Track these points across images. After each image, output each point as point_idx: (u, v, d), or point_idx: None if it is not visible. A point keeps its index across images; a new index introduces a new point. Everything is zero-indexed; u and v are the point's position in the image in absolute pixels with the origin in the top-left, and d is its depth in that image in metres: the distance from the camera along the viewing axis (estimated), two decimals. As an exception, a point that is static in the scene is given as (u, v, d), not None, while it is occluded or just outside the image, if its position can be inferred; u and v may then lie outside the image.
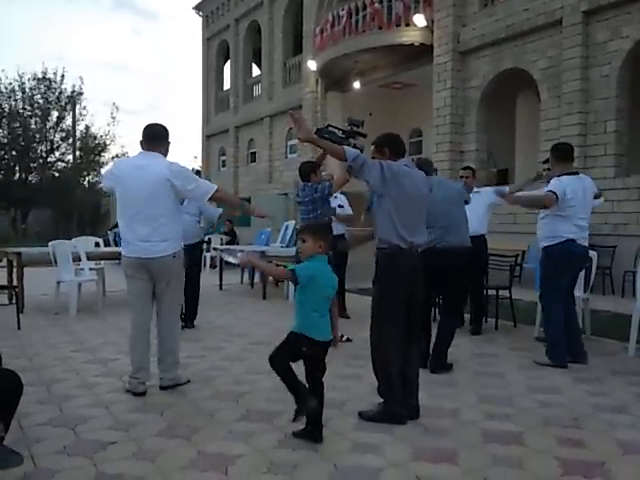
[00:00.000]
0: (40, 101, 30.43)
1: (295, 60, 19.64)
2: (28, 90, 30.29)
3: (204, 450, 2.97)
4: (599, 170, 9.90)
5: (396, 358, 3.45)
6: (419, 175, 3.67)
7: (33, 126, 30.58)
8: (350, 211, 7.21)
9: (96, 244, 9.52)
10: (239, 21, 23.15)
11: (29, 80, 30.27)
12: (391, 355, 3.45)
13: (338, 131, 3.77)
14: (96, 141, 32.43)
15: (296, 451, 2.95)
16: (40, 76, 30.32)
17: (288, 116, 3.73)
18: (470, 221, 6.28)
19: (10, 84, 30.04)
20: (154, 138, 4.03)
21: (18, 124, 30.08)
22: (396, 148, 3.64)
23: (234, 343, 5.64)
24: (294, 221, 13.39)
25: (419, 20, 13.25)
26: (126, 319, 6.78)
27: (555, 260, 4.88)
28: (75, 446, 3.02)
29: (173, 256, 4.00)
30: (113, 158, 33.14)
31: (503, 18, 11.77)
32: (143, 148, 4.03)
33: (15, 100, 30.17)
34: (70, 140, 29.48)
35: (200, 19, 26.42)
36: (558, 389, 4.14)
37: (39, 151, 31.09)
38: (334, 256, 5.80)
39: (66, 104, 30.55)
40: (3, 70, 38.28)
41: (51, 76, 30.51)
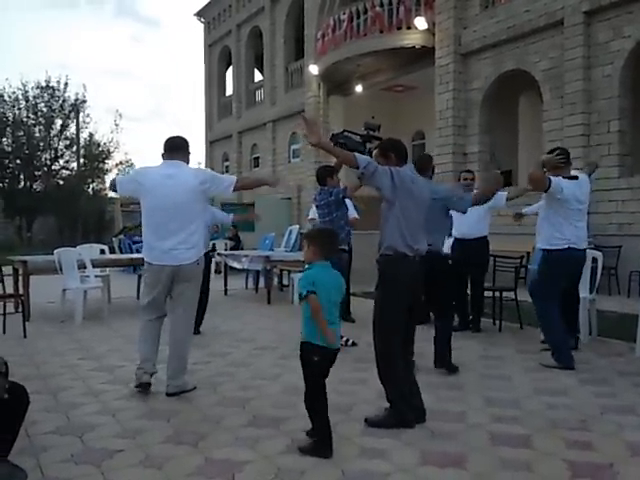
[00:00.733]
0: (44, 109, 30.57)
1: (297, 65, 19.68)
2: (32, 99, 30.43)
3: (211, 457, 2.96)
4: (603, 170, 9.86)
5: (400, 362, 3.46)
6: (423, 181, 3.70)
7: (37, 134, 30.71)
8: (356, 214, 7.22)
9: (101, 251, 9.54)
10: (241, 27, 23.23)
11: (32, 89, 30.42)
12: (396, 359, 3.45)
13: (354, 136, 3.76)
14: (100, 148, 32.52)
15: (303, 457, 2.94)
16: (43, 84, 30.48)
17: (299, 119, 3.75)
18: (471, 223, 6.29)
19: (14, 93, 30.20)
20: (176, 148, 4.15)
21: (22, 133, 30.21)
22: (401, 153, 3.65)
23: (240, 349, 5.64)
24: (298, 225, 13.42)
25: (420, 23, 13.26)
26: (131, 326, 6.83)
27: (554, 266, 4.86)
28: (82, 454, 3.02)
29: (197, 263, 4.12)
30: (117, 165, 33.26)
31: (504, 20, 11.77)
32: (165, 158, 4.14)
33: (19, 109, 30.32)
34: (74, 148, 29.57)
35: (202, 25, 26.53)
36: (565, 391, 4.12)
37: (43, 159, 31.21)
38: (340, 262, 5.88)
39: (70, 112, 30.67)
40: (7, 79, 38.49)
41: (54, 84, 30.66)
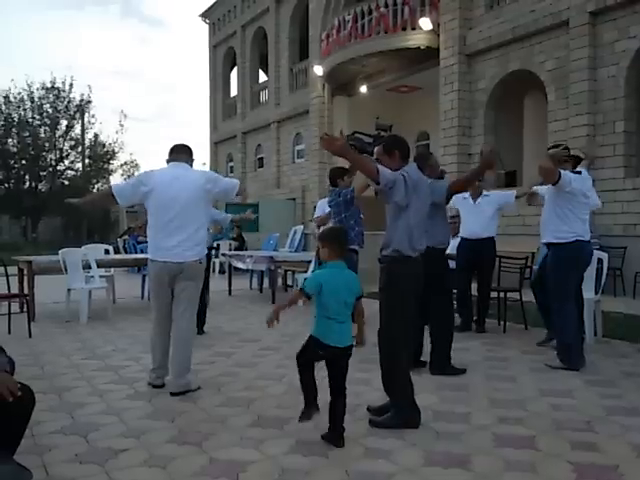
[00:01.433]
0: (49, 110, 30.70)
1: (301, 65, 19.68)
2: (37, 99, 30.57)
3: (215, 457, 2.97)
4: (608, 171, 9.84)
5: (405, 363, 3.47)
6: (425, 181, 3.70)
7: (42, 135, 30.84)
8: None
9: (106, 251, 9.57)
10: (245, 28, 23.24)
11: (38, 89, 30.58)
12: (402, 360, 3.45)
13: (365, 137, 3.75)
14: (105, 149, 32.67)
15: (308, 457, 2.94)
16: (49, 85, 30.64)
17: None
18: (479, 223, 6.29)
19: (19, 94, 30.37)
20: (180, 152, 4.35)
21: (28, 133, 30.35)
22: (405, 151, 3.61)
23: (244, 349, 5.64)
24: (302, 226, 13.42)
25: (425, 23, 13.24)
26: (136, 326, 6.86)
27: (566, 261, 4.84)
28: (87, 454, 3.02)
29: (200, 262, 4.24)
30: (122, 165, 33.44)
31: (509, 20, 11.74)
32: (170, 161, 4.32)
33: (24, 109, 30.46)
34: (79, 148, 29.72)
35: (207, 26, 26.56)
36: (570, 392, 4.11)
37: (49, 160, 31.34)
38: (346, 261, 5.89)
39: (75, 113, 30.80)
40: (12, 80, 38.54)
41: (60, 85, 30.81)
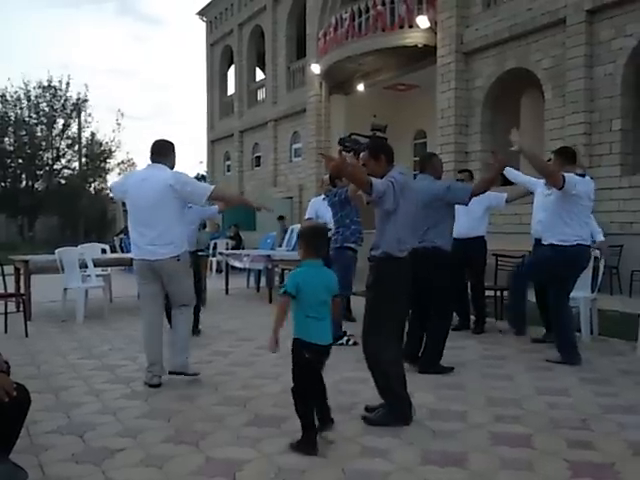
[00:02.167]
0: (46, 109, 30.67)
1: (299, 64, 19.67)
2: (34, 98, 30.54)
3: (212, 456, 2.96)
4: (605, 169, 9.86)
5: (394, 360, 3.52)
6: (413, 183, 3.77)
7: (39, 134, 30.80)
8: None
9: (102, 251, 9.54)
10: (242, 26, 23.22)
11: (34, 88, 30.54)
12: (393, 357, 3.49)
13: (361, 138, 3.81)
14: (102, 148, 32.64)
15: (304, 456, 2.94)
16: (45, 84, 30.62)
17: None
18: (468, 223, 6.31)
19: (16, 92, 30.34)
20: (157, 153, 4.41)
21: (24, 132, 30.30)
22: (390, 155, 3.69)
23: (241, 348, 5.64)
24: (299, 225, 13.42)
25: (422, 22, 13.24)
26: (132, 325, 6.84)
27: (567, 262, 4.88)
28: (83, 453, 3.02)
29: (177, 259, 4.32)
30: (119, 164, 33.40)
31: (506, 18, 11.75)
32: (152, 161, 4.41)
33: (21, 108, 30.43)
34: (76, 147, 29.66)
35: (204, 24, 26.52)
36: (566, 390, 4.11)
37: (45, 159, 31.30)
38: (341, 259, 5.93)
39: (71, 111, 30.77)
40: (9, 79, 38.66)
41: (56, 84, 30.79)
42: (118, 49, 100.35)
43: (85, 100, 31.06)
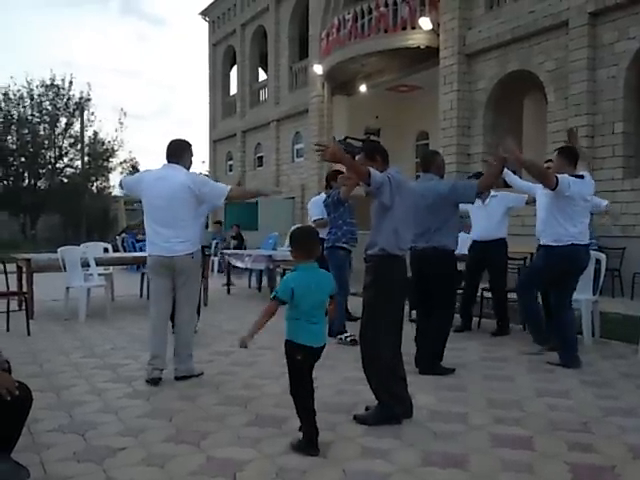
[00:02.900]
0: (48, 108, 30.68)
1: (301, 64, 19.68)
2: (37, 97, 30.55)
3: (213, 456, 2.97)
4: (607, 172, 9.85)
5: (390, 358, 3.53)
6: (409, 182, 3.81)
7: (42, 132, 30.82)
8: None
9: (105, 249, 9.56)
10: (245, 26, 23.23)
11: (37, 87, 30.55)
12: (384, 357, 3.50)
13: (355, 142, 3.87)
14: (104, 147, 32.63)
15: (305, 457, 2.94)
16: (48, 83, 30.61)
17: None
18: (489, 225, 6.29)
19: (19, 91, 30.35)
20: (174, 153, 4.49)
21: (27, 131, 30.33)
22: (386, 156, 3.74)
23: (242, 348, 5.63)
24: (301, 225, 13.43)
25: (425, 23, 13.24)
26: (134, 324, 6.86)
27: (560, 264, 4.87)
28: (85, 452, 3.03)
29: (192, 256, 4.46)
30: (121, 163, 33.41)
31: (509, 20, 11.74)
32: (168, 161, 4.49)
33: (24, 107, 30.44)
34: (78, 146, 29.67)
35: (206, 24, 26.54)
36: (567, 392, 4.11)
37: (48, 157, 31.32)
38: (333, 259, 5.98)
39: (74, 110, 30.78)
40: (12, 77, 38.75)
41: (59, 83, 30.79)
42: (121, 48, 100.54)
43: (88, 99, 31.09)
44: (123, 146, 36.39)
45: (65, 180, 31.95)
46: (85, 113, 29.80)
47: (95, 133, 32.08)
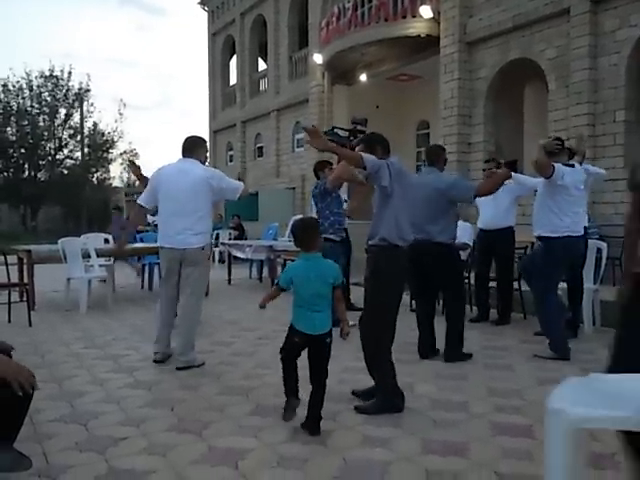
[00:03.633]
0: (48, 99, 30.63)
1: (301, 54, 19.58)
2: (36, 88, 30.50)
3: (214, 445, 2.99)
4: (608, 160, 9.81)
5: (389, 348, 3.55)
6: (409, 172, 3.78)
7: (41, 124, 30.77)
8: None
9: (105, 241, 9.57)
10: (244, 15, 23.09)
11: (37, 78, 30.50)
12: (385, 346, 3.52)
13: (342, 132, 3.87)
14: (104, 138, 32.61)
15: (306, 445, 2.96)
16: (47, 74, 30.55)
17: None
18: (496, 214, 6.28)
19: (18, 82, 30.30)
20: (190, 149, 4.65)
21: (26, 122, 30.29)
22: (386, 146, 3.72)
23: (243, 338, 5.66)
24: (301, 215, 13.42)
25: (425, 11, 13.15)
26: (136, 315, 6.88)
27: (552, 254, 4.85)
28: (87, 442, 3.04)
29: (202, 248, 4.57)
30: (121, 154, 33.38)
31: (510, 8, 11.65)
32: (183, 156, 4.65)
33: (23, 98, 30.39)
34: (78, 137, 29.66)
35: (206, 14, 26.39)
36: (568, 381, 4.12)
37: (48, 148, 31.30)
38: (324, 251, 5.99)
39: (74, 101, 30.73)
40: (11, 68, 38.75)
41: (58, 73, 30.74)
42: (120, 38, 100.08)
43: (87, 90, 31.05)
44: (123, 137, 36.41)
45: (65, 171, 31.94)
46: (84, 104, 29.77)
47: (95, 124, 32.10)
